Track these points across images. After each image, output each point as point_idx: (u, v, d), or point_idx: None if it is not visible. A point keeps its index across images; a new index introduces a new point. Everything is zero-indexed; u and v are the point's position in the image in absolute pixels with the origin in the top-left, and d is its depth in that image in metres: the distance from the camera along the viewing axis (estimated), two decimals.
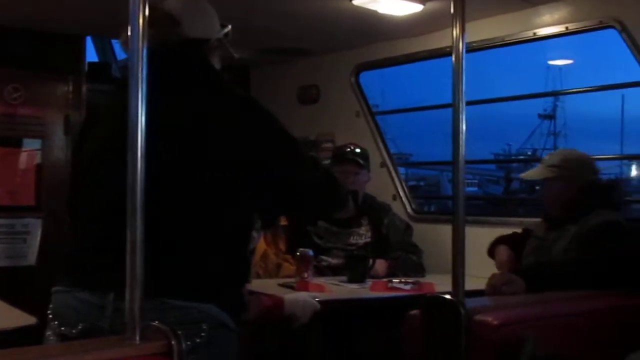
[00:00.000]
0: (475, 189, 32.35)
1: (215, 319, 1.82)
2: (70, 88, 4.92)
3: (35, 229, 4.68)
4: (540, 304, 2.17)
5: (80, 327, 1.81)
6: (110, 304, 1.77)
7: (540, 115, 40.41)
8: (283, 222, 3.85)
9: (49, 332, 1.90)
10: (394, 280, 3.44)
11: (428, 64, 4.77)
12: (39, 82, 4.84)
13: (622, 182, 3.74)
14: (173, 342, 1.42)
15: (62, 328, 1.85)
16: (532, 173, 3.37)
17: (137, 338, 1.42)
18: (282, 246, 3.85)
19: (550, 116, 40.41)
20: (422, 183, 29.49)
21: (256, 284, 3.17)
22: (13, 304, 2.74)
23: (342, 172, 3.91)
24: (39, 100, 4.81)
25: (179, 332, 1.42)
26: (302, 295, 2.98)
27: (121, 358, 1.38)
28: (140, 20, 1.49)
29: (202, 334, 1.78)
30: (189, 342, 1.53)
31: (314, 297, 2.97)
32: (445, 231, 2.09)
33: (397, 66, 5.00)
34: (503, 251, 3.38)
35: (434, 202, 11.98)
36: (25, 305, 2.64)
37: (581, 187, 3.18)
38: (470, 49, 3.62)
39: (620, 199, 3.34)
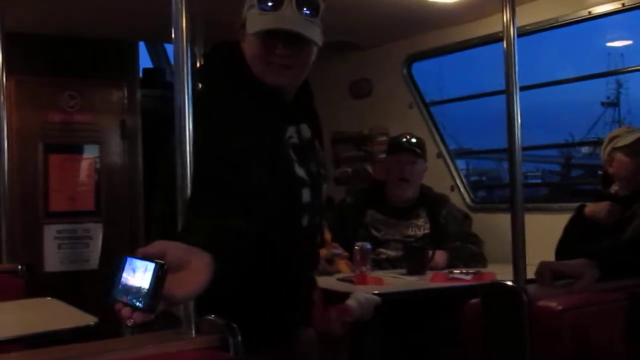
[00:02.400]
0: (540, 180, 31.73)
1: None
2: (125, 93, 5.00)
3: (96, 233, 4.77)
4: (606, 288, 2.09)
5: None
6: None
7: (603, 103, 39.41)
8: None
9: None
10: (454, 271, 3.39)
11: (490, 49, 4.65)
12: (94, 88, 4.93)
13: None
14: (229, 337, 1.42)
15: None
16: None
17: (193, 332, 1.44)
18: (328, 236, 3.75)
19: (613, 104, 39.37)
20: (484, 178, 29.06)
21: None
22: (77, 306, 2.77)
23: (397, 161, 3.87)
24: (95, 106, 4.91)
25: (234, 326, 1.42)
26: (360, 294, 2.92)
27: (178, 351, 1.40)
28: (183, 21, 1.50)
29: None
30: None
31: (369, 292, 2.92)
32: (506, 220, 2.03)
33: (451, 55, 4.92)
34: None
35: (497, 194, 11.75)
36: (88, 308, 2.67)
37: None
38: (523, 32, 3.55)
39: None
